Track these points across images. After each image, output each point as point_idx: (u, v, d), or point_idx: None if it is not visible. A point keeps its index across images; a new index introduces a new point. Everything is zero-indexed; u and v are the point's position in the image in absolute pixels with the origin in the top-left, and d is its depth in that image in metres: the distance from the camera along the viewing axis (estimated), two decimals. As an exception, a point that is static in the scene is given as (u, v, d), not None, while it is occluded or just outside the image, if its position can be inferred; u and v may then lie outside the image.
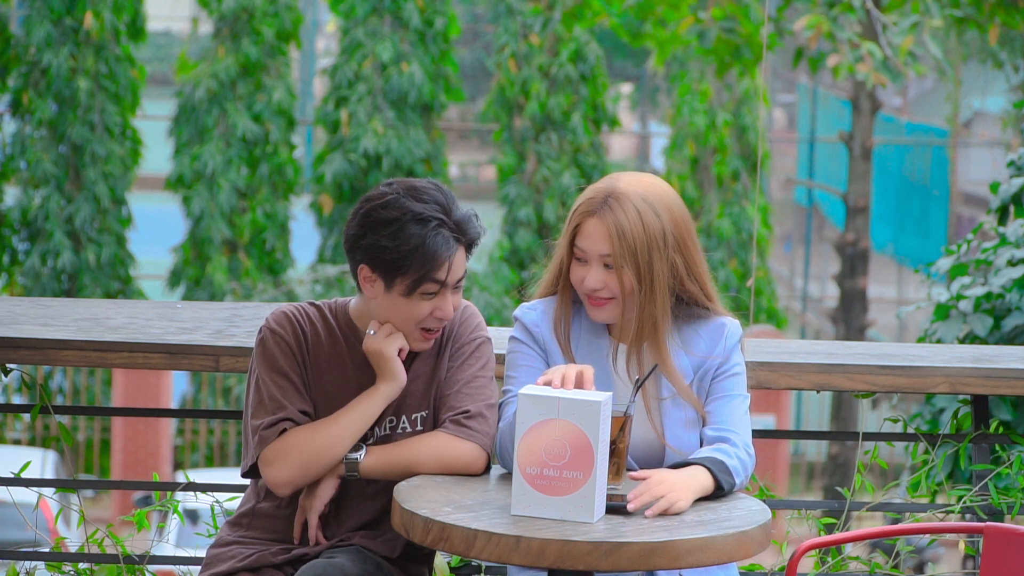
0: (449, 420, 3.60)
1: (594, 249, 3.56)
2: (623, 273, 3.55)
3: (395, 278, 3.52)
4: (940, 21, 14.02)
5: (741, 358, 3.67)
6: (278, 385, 3.58)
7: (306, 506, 3.60)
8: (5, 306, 4.50)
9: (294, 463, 3.55)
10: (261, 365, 3.60)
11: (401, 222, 3.50)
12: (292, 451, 3.55)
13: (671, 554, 3.15)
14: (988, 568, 3.61)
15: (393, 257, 3.50)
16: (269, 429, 3.55)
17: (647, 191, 3.57)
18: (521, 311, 3.69)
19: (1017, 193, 6.42)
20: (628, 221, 3.53)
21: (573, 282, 3.61)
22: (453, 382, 3.64)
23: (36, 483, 4.41)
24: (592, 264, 3.57)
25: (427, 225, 3.51)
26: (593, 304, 3.59)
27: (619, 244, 3.53)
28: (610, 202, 3.56)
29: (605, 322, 3.62)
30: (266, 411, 3.57)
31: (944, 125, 24.20)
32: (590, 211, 3.57)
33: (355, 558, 3.55)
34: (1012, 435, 4.44)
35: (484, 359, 3.68)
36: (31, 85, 18.01)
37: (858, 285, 17.37)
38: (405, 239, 3.50)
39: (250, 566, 3.59)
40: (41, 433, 16.05)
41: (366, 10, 18.46)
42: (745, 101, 19.85)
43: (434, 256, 3.50)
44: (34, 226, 17.95)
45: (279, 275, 18.43)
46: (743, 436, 3.58)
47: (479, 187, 29.58)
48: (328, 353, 3.62)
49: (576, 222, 3.59)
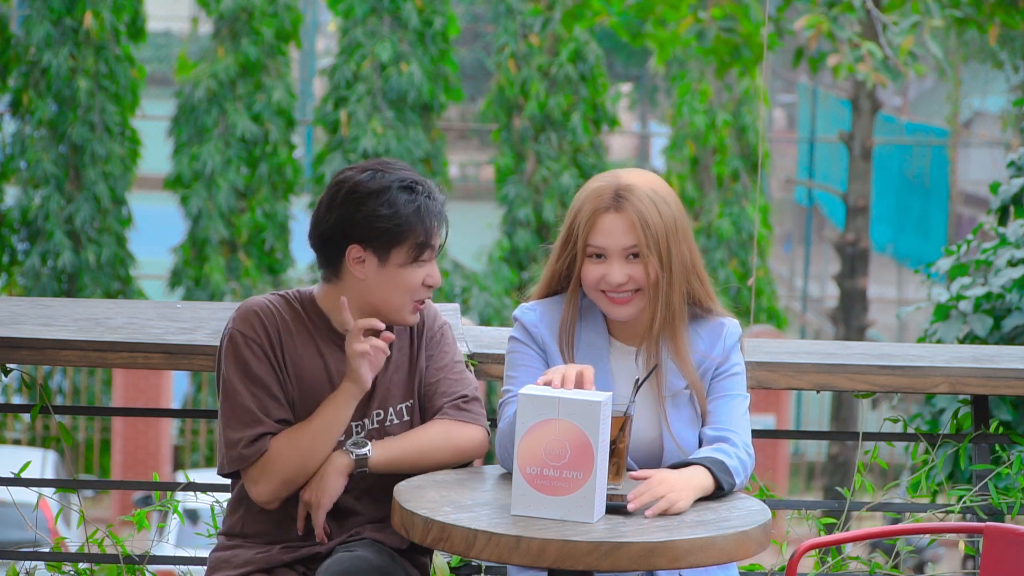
0: (449, 406, 3.62)
1: (616, 244, 3.54)
2: (648, 263, 3.54)
3: (392, 248, 3.52)
4: (940, 21, 14.02)
5: (741, 358, 3.67)
6: (252, 394, 3.55)
7: (311, 502, 3.57)
8: (5, 306, 4.50)
9: (277, 480, 3.54)
10: (232, 371, 3.56)
11: (390, 190, 3.51)
12: (273, 469, 3.54)
13: (671, 554, 3.15)
14: (988, 568, 3.61)
15: (392, 225, 3.50)
16: (249, 448, 3.53)
17: (652, 183, 3.59)
18: (520, 311, 3.68)
19: (1017, 193, 6.42)
20: (647, 211, 3.54)
21: (588, 282, 3.58)
22: (437, 369, 3.67)
23: (36, 483, 4.40)
24: (613, 259, 3.55)
25: (413, 190, 3.53)
26: (616, 302, 3.57)
27: (644, 233, 3.53)
28: (624, 194, 3.56)
29: (627, 318, 3.59)
30: (241, 423, 3.54)
31: (944, 125, 24.20)
32: (604, 207, 3.56)
33: (372, 550, 3.54)
34: (1012, 435, 4.44)
35: (454, 343, 3.73)
36: (31, 85, 18.00)
37: (858, 285, 17.37)
38: (401, 206, 3.50)
39: (261, 567, 3.58)
40: (41, 433, 16.04)
41: (365, 10, 18.45)
42: (745, 101, 19.85)
43: (430, 219, 3.53)
44: (34, 226, 17.94)
45: (279, 275, 18.43)
46: (743, 436, 3.58)
47: (479, 187, 29.58)
48: (301, 344, 3.60)
49: (590, 220, 3.57)
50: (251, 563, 3.59)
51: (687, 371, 3.59)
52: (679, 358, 3.59)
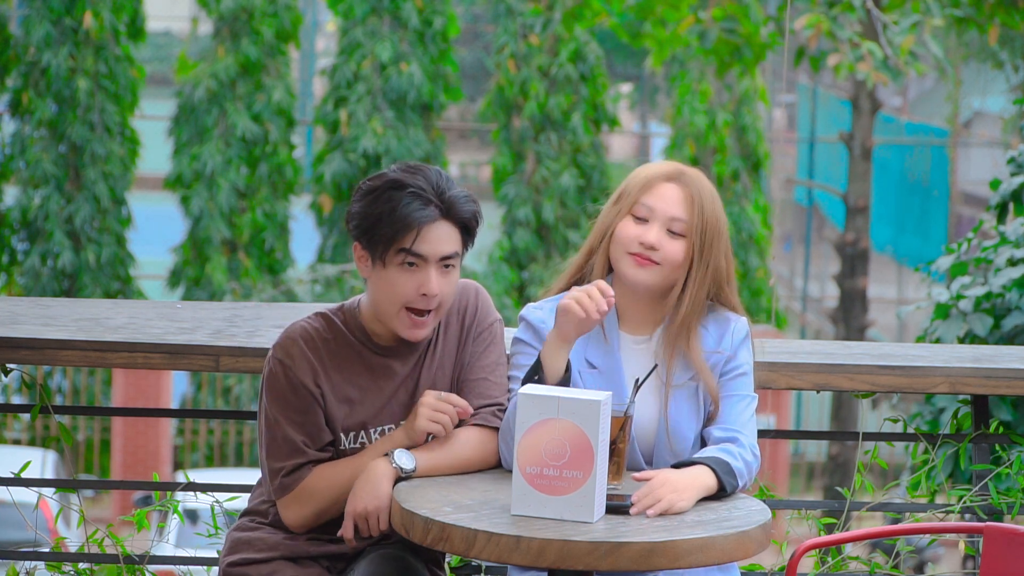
0: (489, 413, 3.59)
1: (667, 211, 3.56)
2: (684, 243, 3.55)
3: (382, 248, 3.48)
4: (940, 21, 14.03)
5: (749, 357, 3.67)
6: (293, 423, 3.53)
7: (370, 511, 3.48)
8: (5, 306, 4.50)
9: (309, 510, 3.55)
10: (272, 402, 3.54)
11: (379, 189, 3.49)
12: (308, 500, 3.54)
13: (671, 554, 3.15)
14: (988, 568, 3.61)
15: (368, 224, 3.48)
16: (289, 477, 3.54)
17: (713, 191, 3.63)
18: (528, 311, 3.67)
19: (1017, 190, 6.42)
20: (705, 196, 3.59)
21: (622, 238, 3.58)
22: (480, 368, 3.63)
23: (36, 483, 4.40)
24: (654, 224, 3.56)
25: (402, 191, 3.48)
26: (639, 262, 3.57)
27: (696, 212, 3.56)
28: (687, 173, 3.60)
29: (639, 285, 3.59)
30: (282, 453, 3.53)
31: (944, 125, 24.20)
32: (666, 176, 3.59)
33: (405, 548, 3.55)
34: (1012, 435, 4.44)
35: (502, 343, 3.68)
36: (31, 85, 18.00)
37: (858, 285, 17.37)
38: (380, 203, 3.48)
39: (287, 555, 3.57)
40: (41, 433, 16.04)
41: (365, 10, 18.45)
42: (745, 101, 19.84)
43: (402, 221, 3.46)
44: (34, 226, 17.95)
45: (279, 275, 18.42)
46: (750, 437, 3.58)
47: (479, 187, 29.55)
48: (347, 363, 3.57)
49: (648, 183, 3.58)
50: (276, 549, 3.58)
51: (695, 360, 3.59)
52: (691, 352, 3.59)
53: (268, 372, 3.55)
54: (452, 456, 3.53)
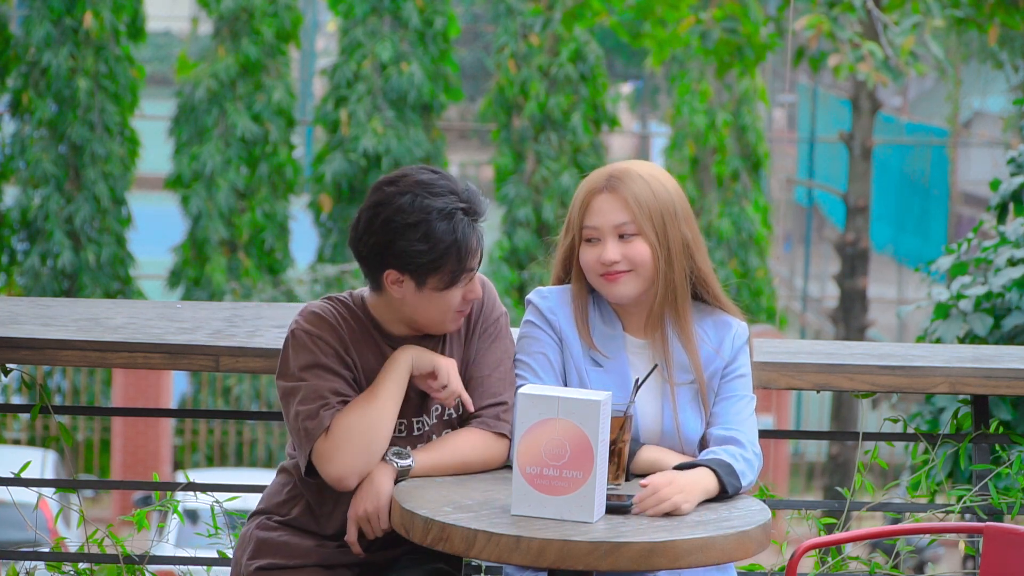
0: (489, 415, 3.58)
1: (607, 222, 3.57)
2: (640, 241, 3.56)
3: (428, 277, 3.47)
4: (940, 21, 14.03)
5: (748, 360, 3.68)
6: (317, 377, 3.48)
7: (369, 512, 3.48)
8: (5, 306, 4.49)
9: (348, 452, 3.45)
10: (296, 362, 3.49)
11: (428, 222, 3.45)
12: (344, 441, 3.46)
13: (671, 554, 3.15)
14: (988, 568, 3.61)
15: (429, 259, 3.46)
16: (311, 420, 3.46)
17: (650, 170, 3.63)
18: (536, 296, 3.67)
19: (1017, 190, 6.42)
20: (639, 190, 3.58)
21: (585, 266, 3.60)
22: (486, 363, 3.62)
23: (36, 483, 4.40)
24: (606, 239, 3.57)
25: (453, 219, 3.47)
26: (609, 280, 3.58)
27: (636, 209, 3.55)
28: (616, 175, 3.60)
29: (623, 299, 3.60)
30: (302, 401, 3.47)
31: (944, 125, 24.20)
32: (597, 189, 3.60)
33: (434, 556, 3.55)
34: (1012, 435, 4.44)
35: (509, 337, 3.67)
36: (31, 85, 18.01)
37: (858, 285, 17.37)
38: (438, 239, 3.45)
39: (320, 562, 3.55)
40: (41, 433, 16.04)
41: (365, 10, 18.46)
42: (745, 101, 19.85)
43: (467, 248, 3.48)
44: (34, 226, 17.95)
45: (278, 275, 18.43)
46: (750, 436, 3.59)
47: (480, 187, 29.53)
48: (365, 344, 3.56)
49: (584, 203, 3.59)
50: (309, 556, 3.55)
51: (694, 362, 3.60)
52: (685, 339, 3.60)
53: (291, 337, 3.51)
54: (452, 457, 3.53)
